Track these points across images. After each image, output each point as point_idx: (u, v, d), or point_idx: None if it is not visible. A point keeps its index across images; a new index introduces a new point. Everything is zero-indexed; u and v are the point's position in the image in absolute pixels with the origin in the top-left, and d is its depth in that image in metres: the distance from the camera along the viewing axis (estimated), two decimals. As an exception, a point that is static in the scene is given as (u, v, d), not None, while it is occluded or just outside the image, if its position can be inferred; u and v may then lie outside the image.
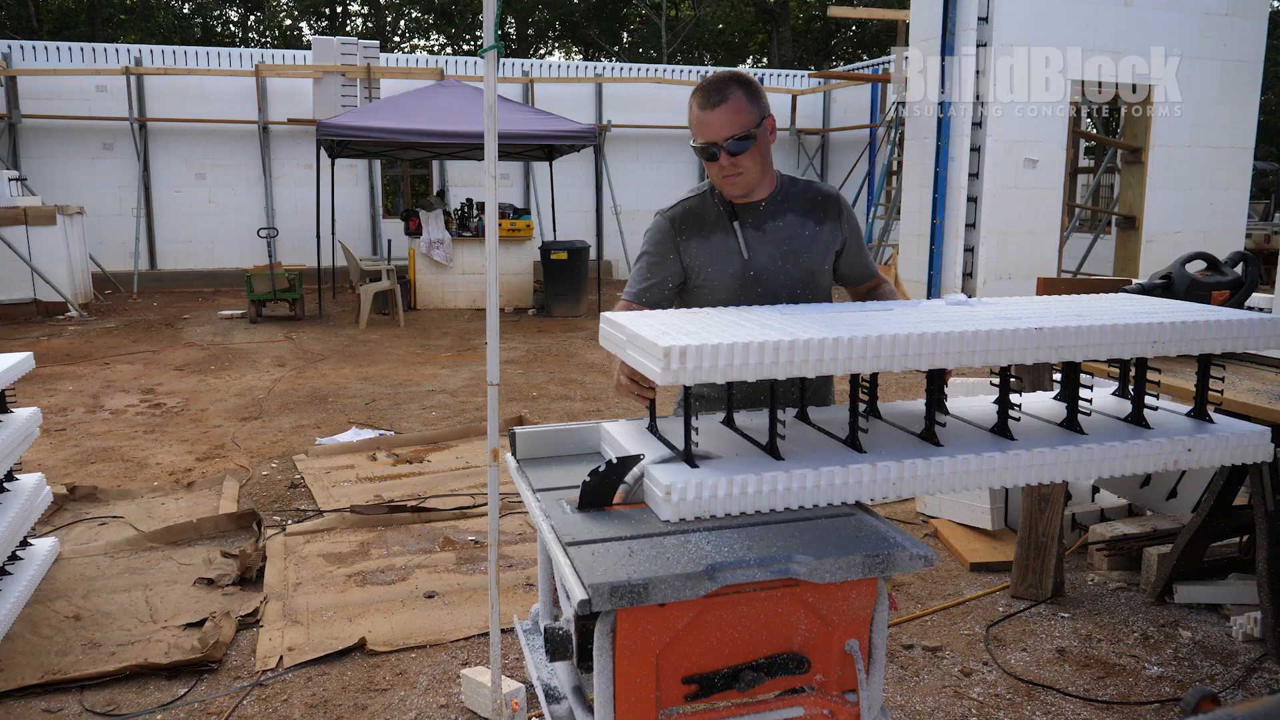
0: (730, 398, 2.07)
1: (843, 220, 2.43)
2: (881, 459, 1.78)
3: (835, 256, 2.45)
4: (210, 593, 3.77)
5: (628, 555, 1.56)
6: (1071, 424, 1.99)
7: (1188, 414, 2.12)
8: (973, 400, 2.24)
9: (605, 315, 1.92)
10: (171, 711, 2.95)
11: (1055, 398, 2.25)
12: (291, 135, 15.27)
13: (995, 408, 1.98)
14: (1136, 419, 2.04)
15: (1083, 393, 2.11)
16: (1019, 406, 2.17)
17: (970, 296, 2.15)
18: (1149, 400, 2.14)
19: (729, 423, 2.04)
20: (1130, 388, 2.15)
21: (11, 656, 3.21)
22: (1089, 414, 2.04)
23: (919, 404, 2.04)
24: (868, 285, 2.54)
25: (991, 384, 1.99)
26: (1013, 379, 1.94)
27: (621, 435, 2.01)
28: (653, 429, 2.01)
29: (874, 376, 2.11)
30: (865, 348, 1.68)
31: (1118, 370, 2.26)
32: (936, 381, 1.91)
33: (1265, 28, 10.72)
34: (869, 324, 1.79)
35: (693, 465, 1.77)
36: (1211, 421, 2.06)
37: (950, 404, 2.16)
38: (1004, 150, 9.81)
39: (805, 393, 2.09)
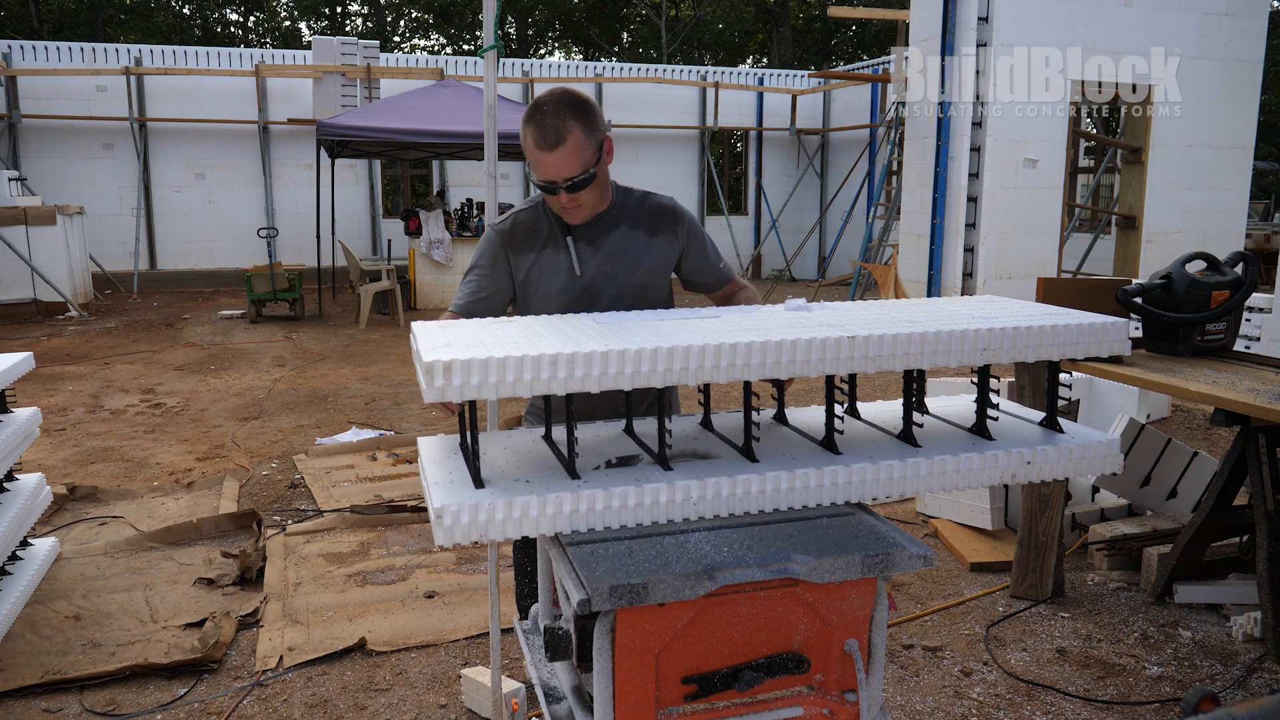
0: (570, 409, 1.96)
1: (679, 231, 2.39)
2: (683, 478, 1.68)
3: (677, 267, 2.42)
4: (210, 593, 3.77)
5: (627, 555, 1.56)
6: (907, 435, 1.88)
7: (1040, 423, 2.00)
8: (813, 411, 2.14)
9: (415, 324, 1.86)
10: (171, 711, 2.95)
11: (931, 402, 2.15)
12: (291, 135, 15.27)
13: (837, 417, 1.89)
14: (980, 429, 1.92)
15: (941, 400, 2.06)
16: (842, 419, 2.01)
17: (811, 301, 2.07)
18: (1008, 408, 2.07)
19: (547, 437, 1.94)
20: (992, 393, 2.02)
21: (11, 656, 3.21)
22: (921, 425, 1.94)
23: (739, 416, 1.98)
24: (725, 291, 2.49)
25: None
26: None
27: (431, 453, 1.89)
28: (464, 445, 1.86)
29: (707, 388, 2.03)
30: (655, 360, 1.59)
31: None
32: (780, 393, 1.87)
33: (1265, 28, 10.72)
34: (672, 334, 1.70)
35: (479, 485, 1.67)
36: (1061, 431, 1.95)
37: (792, 415, 2.08)
38: (1004, 150, 9.81)
39: (660, 400, 2.06)
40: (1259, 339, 6.61)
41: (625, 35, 30.98)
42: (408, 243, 12.73)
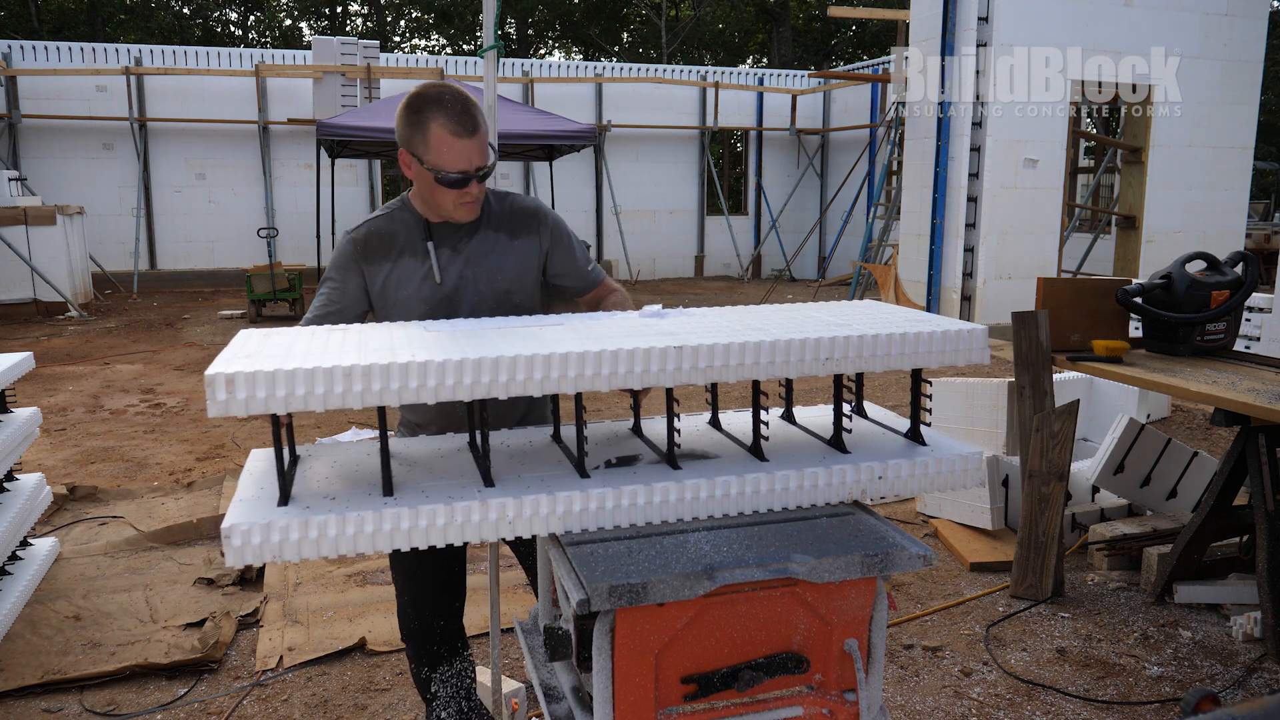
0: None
1: (542, 232, 2.30)
2: (499, 496, 1.63)
3: (543, 271, 2.33)
4: (210, 593, 3.77)
5: (627, 555, 1.56)
6: (756, 449, 1.82)
7: (905, 434, 1.93)
8: (698, 420, 2.09)
9: (241, 332, 1.81)
10: (171, 711, 2.95)
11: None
12: (291, 135, 15.27)
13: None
14: (835, 442, 1.86)
15: (816, 410, 1.99)
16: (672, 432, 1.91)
17: (667, 308, 2.01)
18: (880, 416, 2.03)
19: (386, 450, 1.84)
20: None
21: (11, 656, 3.21)
22: (766, 437, 1.87)
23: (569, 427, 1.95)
24: (594, 295, 2.40)
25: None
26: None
27: (255, 465, 1.82)
28: (279, 459, 1.77)
29: (554, 399, 1.97)
30: (460, 372, 1.53)
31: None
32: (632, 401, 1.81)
33: (1265, 28, 10.72)
34: (501, 343, 1.65)
35: (284, 503, 1.60)
36: (923, 444, 1.88)
37: (683, 423, 2.02)
38: (1004, 150, 9.81)
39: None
40: (1259, 339, 6.61)
41: (625, 35, 30.98)
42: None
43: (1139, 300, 3.64)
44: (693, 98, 17.30)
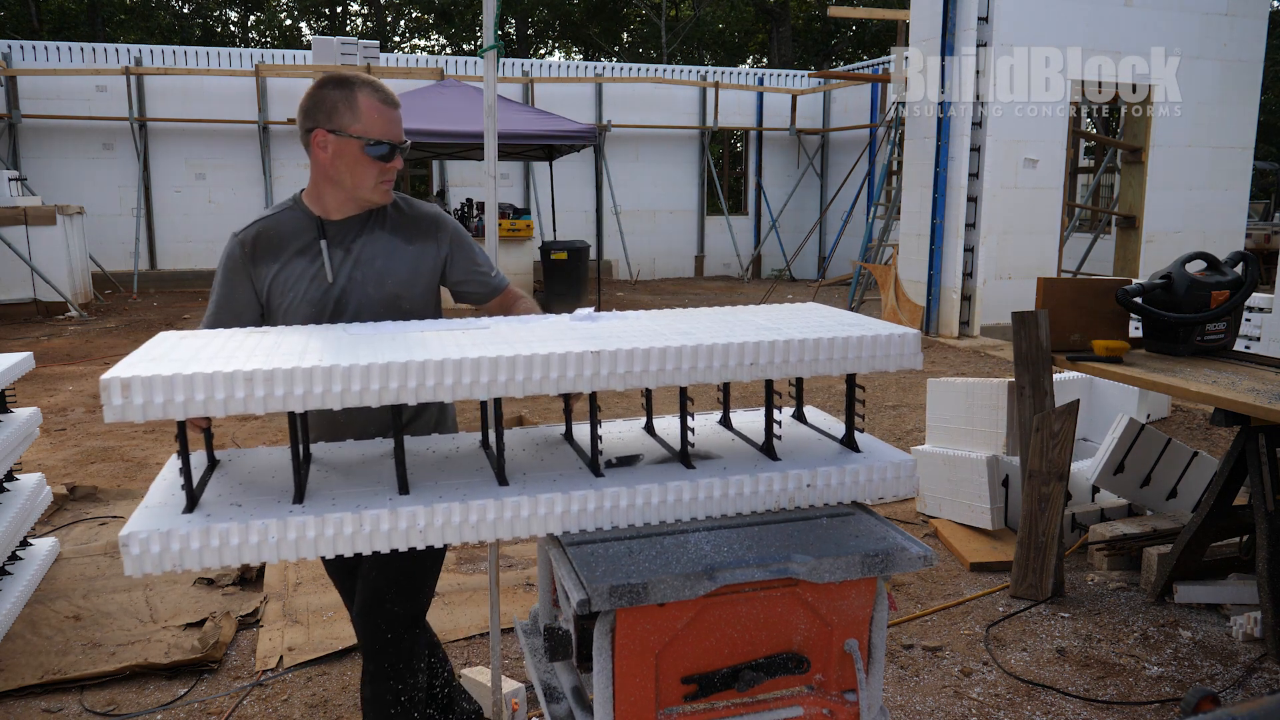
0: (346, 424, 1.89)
1: (441, 238, 2.24)
2: (411, 504, 1.59)
3: (444, 277, 2.27)
4: (210, 593, 3.77)
5: (627, 555, 1.56)
6: (683, 456, 1.80)
7: (841, 440, 1.91)
8: (634, 425, 2.06)
9: (159, 335, 1.79)
10: (171, 711, 2.95)
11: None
12: (292, 135, 15.25)
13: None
14: (767, 449, 1.83)
15: (753, 415, 1.93)
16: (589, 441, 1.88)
17: (596, 311, 1.98)
18: (819, 421, 2.00)
19: (305, 456, 1.84)
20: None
21: (11, 656, 3.21)
22: (693, 444, 1.84)
23: (469, 437, 1.93)
24: (499, 302, 2.34)
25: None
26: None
27: (171, 472, 1.77)
28: (185, 465, 1.73)
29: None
30: (368, 377, 1.49)
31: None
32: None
33: (1265, 28, 10.72)
34: (411, 349, 1.61)
35: (190, 510, 1.57)
36: (857, 451, 1.85)
37: (620, 428, 2.01)
38: (1004, 150, 9.81)
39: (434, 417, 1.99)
40: (1259, 339, 6.61)
41: (625, 35, 30.98)
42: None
43: (1139, 300, 3.64)
44: (693, 98, 17.30)
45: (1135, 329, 3.84)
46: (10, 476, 3.78)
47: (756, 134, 18.04)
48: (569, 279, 12.03)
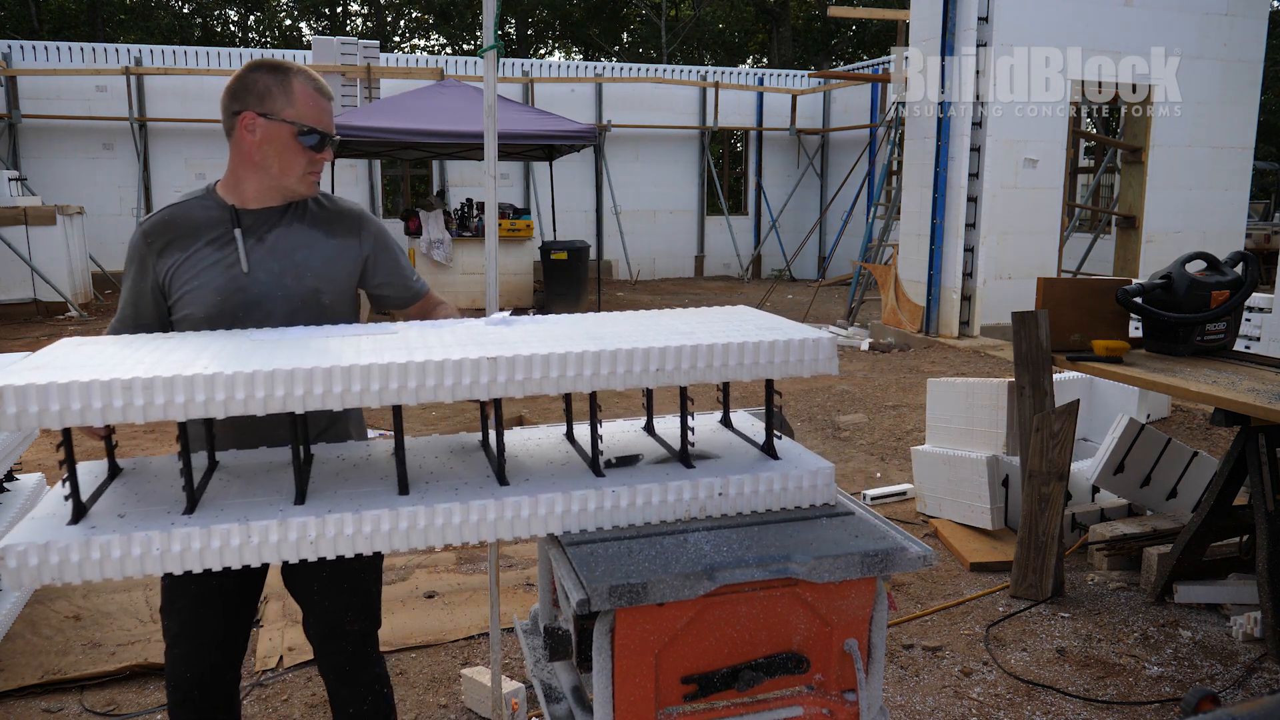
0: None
1: (363, 236, 2.16)
2: (303, 515, 1.54)
3: (364, 279, 2.18)
4: (210, 593, 3.77)
5: (627, 555, 1.56)
6: (594, 465, 1.75)
7: (761, 447, 1.87)
8: (554, 431, 2.01)
9: (61, 340, 1.74)
10: (171, 711, 2.94)
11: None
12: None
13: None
14: (682, 456, 1.80)
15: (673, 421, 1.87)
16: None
17: (514, 314, 1.96)
18: (745, 427, 1.97)
19: (210, 465, 1.79)
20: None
21: (11, 656, 3.21)
22: (602, 452, 1.78)
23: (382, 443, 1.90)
24: (419, 307, 2.26)
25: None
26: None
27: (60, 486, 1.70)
28: (71, 475, 1.68)
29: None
30: (252, 385, 1.45)
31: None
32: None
33: (1265, 28, 10.71)
34: (304, 355, 1.57)
35: (75, 521, 1.53)
36: (775, 458, 1.82)
37: (541, 434, 1.97)
38: (1004, 150, 9.81)
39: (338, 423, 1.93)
40: (1259, 339, 6.61)
41: (625, 35, 30.98)
42: (408, 243, 12.73)
43: (1139, 300, 3.64)
44: (693, 98, 17.30)
45: (1135, 329, 3.84)
46: (10, 476, 3.78)
47: (756, 134, 18.05)
48: (569, 279, 12.03)
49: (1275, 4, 21.04)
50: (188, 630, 2.09)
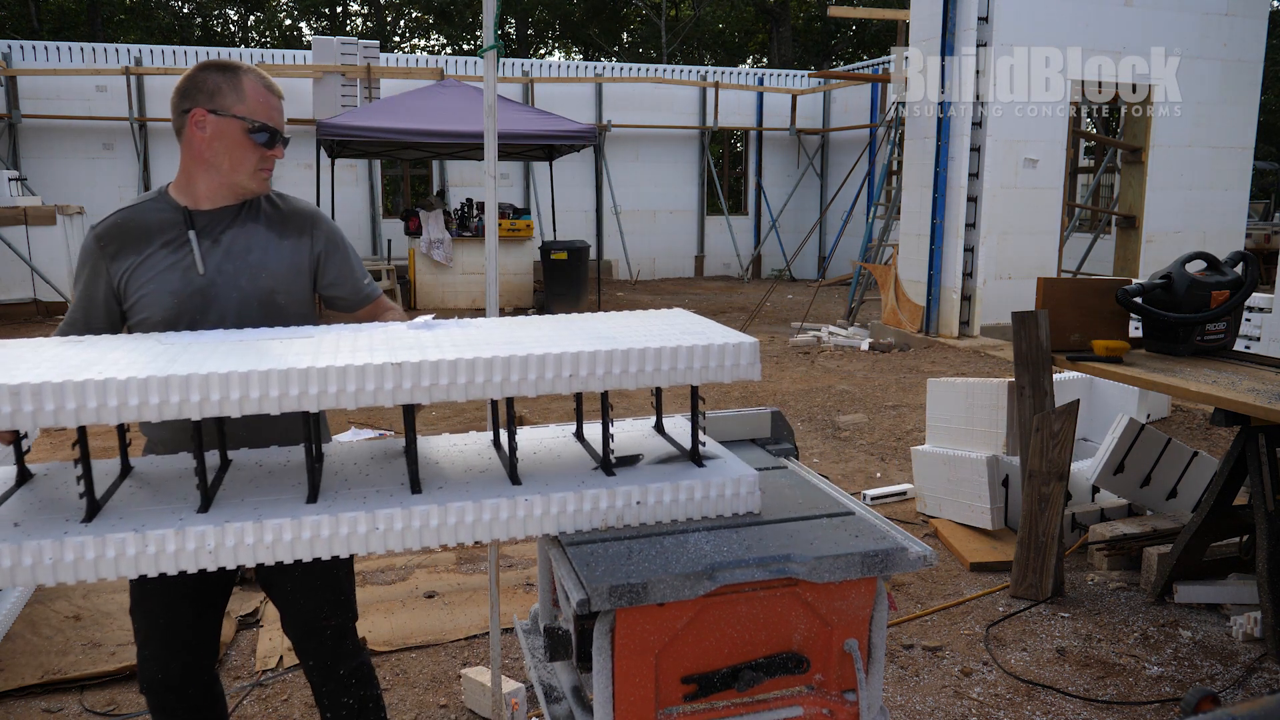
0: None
1: (316, 236, 2.14)
2: (202, 524, 1.50)
3: (317, 280, 2.17)
4: (210, 593, 3.77)
5: (627, 555, 1.56)
6: (511, 472, 1.72)
7: (688, 454, 1.83)
8: (481, 438, 1.97)
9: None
10: (171, 711, 2.94)
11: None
12: (291, 135, 15.25)
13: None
14: (604, 464, 1.76)
15: (609, 427, 1.82)
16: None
17: (438, 319, 1.90)
18: (677, 432, 1.92)
19: (124, 470, 1.77)
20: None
21: (11, 656, 3.21)
22: (518, 459, 1.74)
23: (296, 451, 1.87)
24: (369, 311, 2.24)
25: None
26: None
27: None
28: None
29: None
30: (166, 390, 1.42)
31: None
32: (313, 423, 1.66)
33: (1265, 28, 10.71)
34: (214, 359, 1.54)
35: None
36: (700, 465, 1.78)
37: (468, 439, 1.94)
38: (1004, 150, 9.81)
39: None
40: (1259, 339, 6.61)
41: (625, 35, 30.99)
42: (408, 243, 12.74)
43: (1139, 300, 3.64)
44: (693, 98, 17.30)
45: (1135, 329, 3.84)
46: (10, 476, 3.78)
47: (756, 134, 18.05)
48: (569, 279, 12.03)
49: (1275, 4, 21.05)
50: (157, 631, 2.07)
